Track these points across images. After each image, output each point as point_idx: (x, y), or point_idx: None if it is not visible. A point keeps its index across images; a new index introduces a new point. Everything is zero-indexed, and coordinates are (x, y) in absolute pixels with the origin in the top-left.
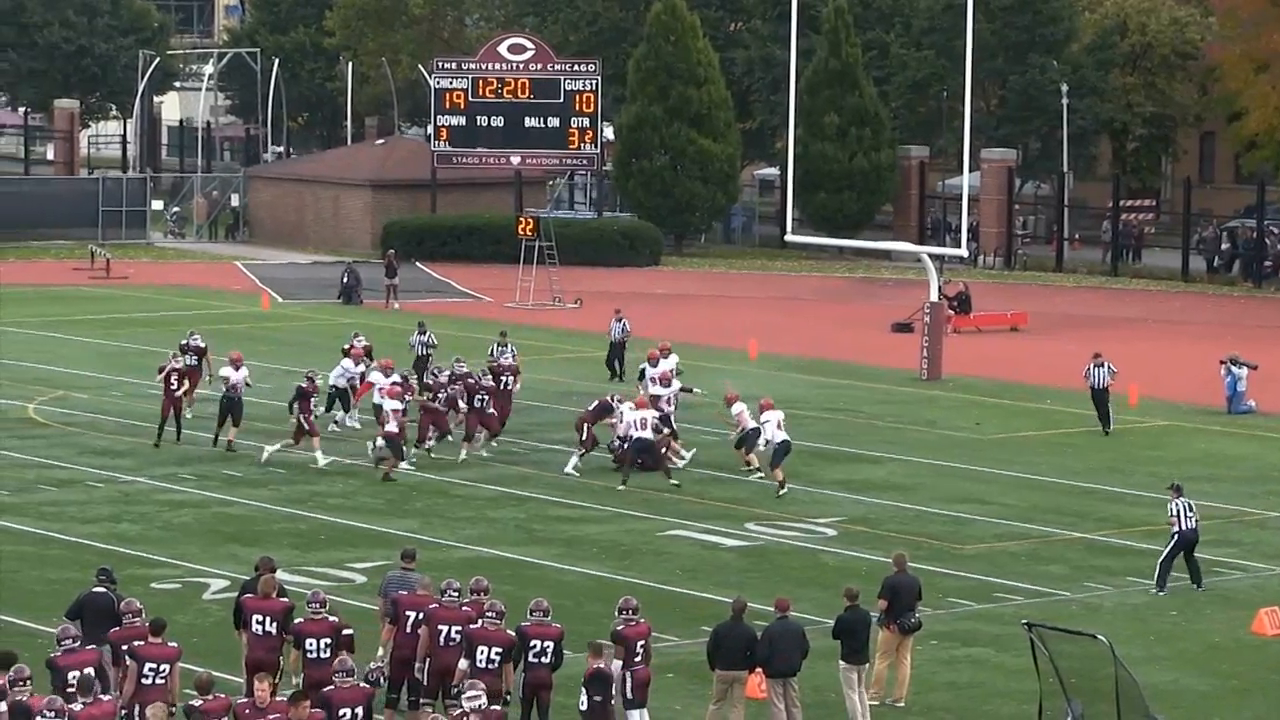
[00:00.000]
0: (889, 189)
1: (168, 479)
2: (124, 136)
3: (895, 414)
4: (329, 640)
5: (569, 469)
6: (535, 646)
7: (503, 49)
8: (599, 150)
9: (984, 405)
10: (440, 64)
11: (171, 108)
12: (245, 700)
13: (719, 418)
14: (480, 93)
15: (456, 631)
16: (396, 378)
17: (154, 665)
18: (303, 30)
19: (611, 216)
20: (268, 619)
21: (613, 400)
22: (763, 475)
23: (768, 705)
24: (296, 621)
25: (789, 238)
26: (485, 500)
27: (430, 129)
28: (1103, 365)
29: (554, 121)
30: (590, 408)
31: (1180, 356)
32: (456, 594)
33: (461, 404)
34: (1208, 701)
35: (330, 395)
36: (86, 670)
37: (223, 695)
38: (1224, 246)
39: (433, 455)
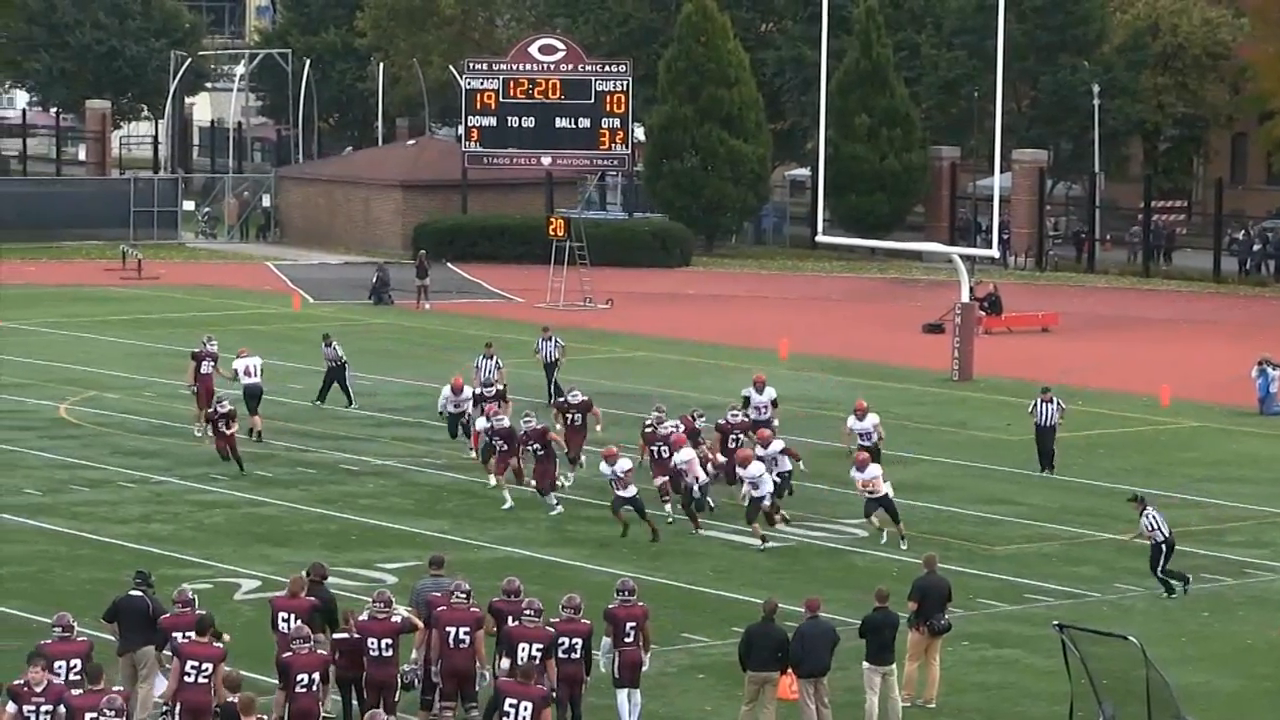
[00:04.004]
0: (920, 190)
1: (199, 479)
2: (155, 137)
3: (926, 415)
4: (391, 640)
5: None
6: (564, 644)
7: (534, 49)
8: (630, 151)
9: (1015, 406)
10: (471, 65)
11: (203, 109)
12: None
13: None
14: (511, 93)
15: (465, 633)
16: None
17: (195, 664)
18: (334, 31)
19: (642, 217)
20: (293, 616)
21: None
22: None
23: (798, 706)
24: (361, 620)
25: (820, 238)
26: (516, 500)
27: (461, 129)
28: (1051, 402)
29: (585, 122)
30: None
31: (1212, 358)
32: (465, 596)
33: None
34: (1239, 703)
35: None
36: (94, 662)
37: (246, 693)
38: (1255, 248)
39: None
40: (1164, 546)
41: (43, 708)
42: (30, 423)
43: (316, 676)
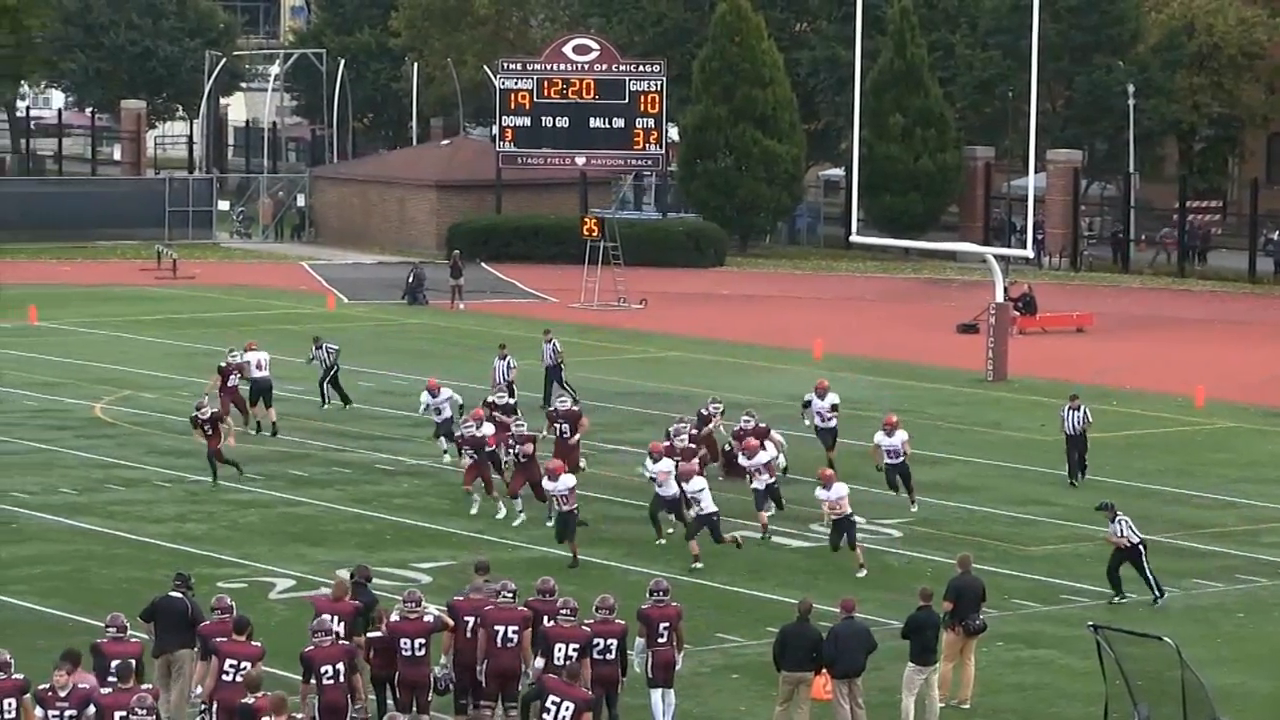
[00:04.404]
0: (954, 190)
1: (234, 479)
2: (190, 137)
3: (960, 415)
4: (423, 640)
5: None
6: (599, 645)
7: (568, 49)
8: (664, 151)
9: (1049, 407)
10: (505, 65)
11: (238, 109)
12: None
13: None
14: (545, 93)
15: (513, 632)
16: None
17: (234, 663)
18: (368, 31)
19: (676, 217)
20: (335, 619)
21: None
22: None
23: (832, 706)
24: (392, 620)
25: (854, 238)
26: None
27: (495, 129)
28: (1079, 409)
29: (619, 122)
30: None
31: (1247, 358)
32: (512, 595)
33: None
34: (1275, 704)
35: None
36: (129, 659)
37: (277, 692)
38: None
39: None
40: (1141, 548)
41: (67, 712)
42: (66, 422)
43: (341, 668)
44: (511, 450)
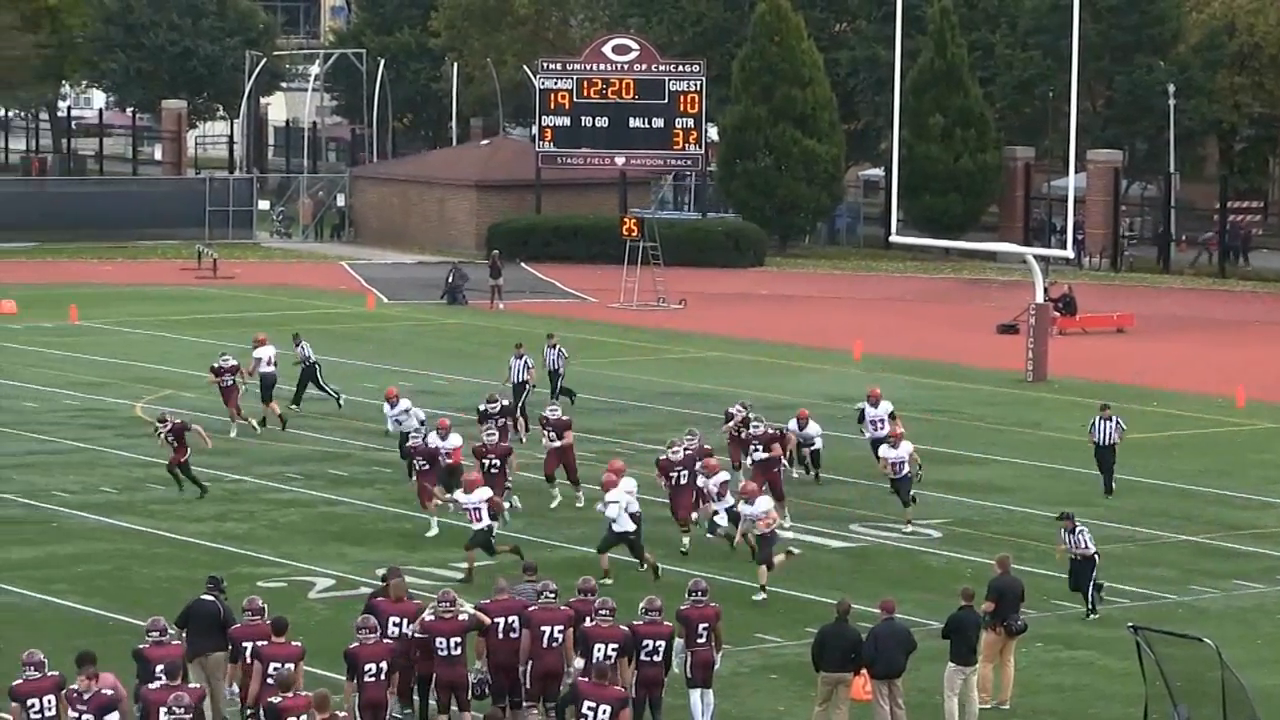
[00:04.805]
0: (994, 190)
1: (274, 478)
2: (231, 137)
3: (999, 415)
4: (459, 639)
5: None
6: (647, 645)
7: (607, 49)
8: (703, 151)
9: (1089, 407)
10: (545, 65)
11: (278, 108)
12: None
13: None
14: (585, 93)
15: (559, 632)
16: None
17: (278, 665)
18: (408, 31)
19: (716, 217)
20: (404, 621)
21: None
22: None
23: (872, 706)
24: (427, 620)
25: (894, 238)
26: (589, 500)
27: (535, 129)
28: (1110, 419)
29: (658, 122)
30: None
31: None
32: (554, 596)
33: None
34: None
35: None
36: (175, 661)
37: (305, 694)
38: None
39: None
40: (1095, 560)
41: (84, 716)
42: (107, 421)
43: (384, 666)
44: (485, 460)
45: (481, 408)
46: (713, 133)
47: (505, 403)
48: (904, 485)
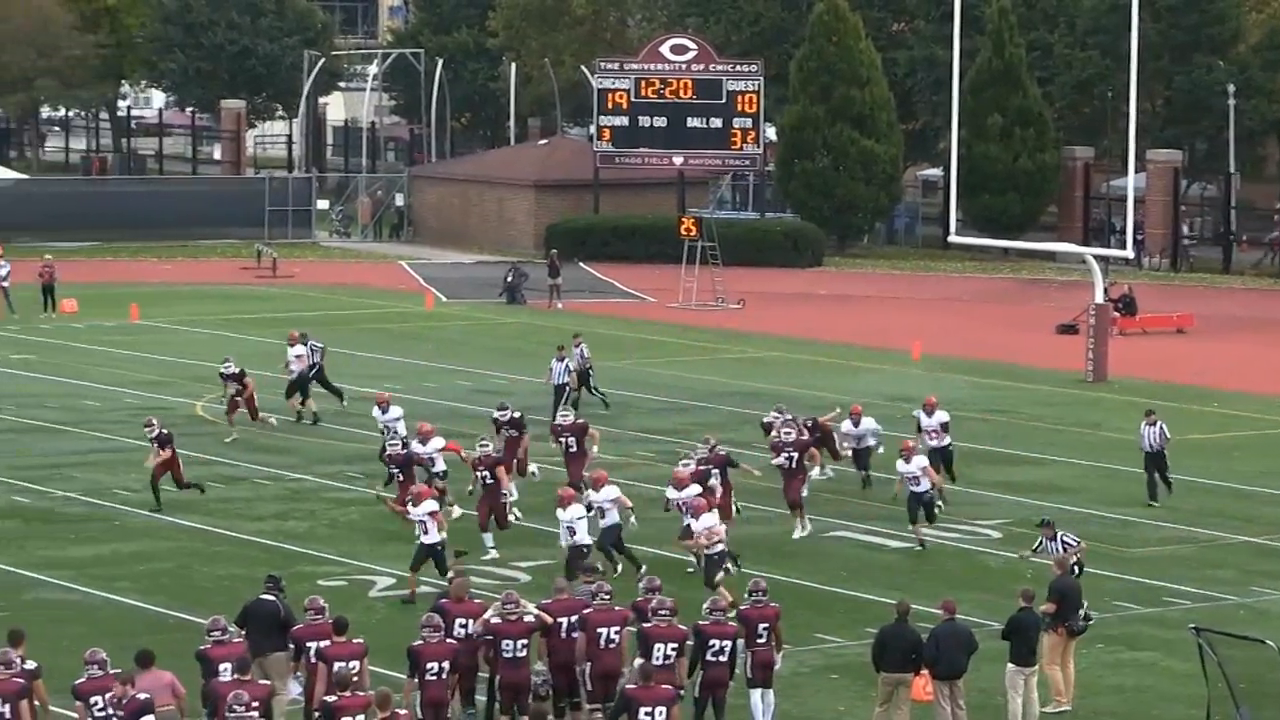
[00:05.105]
0: (1053, 190)
1: (335, 476)
2: (289, 136)
3: (1058, 416)
4: (525, 641)
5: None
6: (714, 646)
7: (665, 49)
8: (761, 151)
9: (1149, 408)
10: (603, 64)
11: (336, 108)
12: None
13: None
14: (643, 93)
15: (615, 633)
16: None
17: (343, 664)
18: (466, 31)
19: (774, 217)
20: (470, 621)
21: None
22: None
23: (933, 707)
24: (493, 621)
25: (952, 238)
26: (648, 500)
27: (593, 129)
28: (1156, 425)
29: (716, 122)
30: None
31: None
32: (609, 597)
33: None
34: None
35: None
36: (240, 656)
37: (362, 694)
38: None
39: None
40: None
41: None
42: (167, 420)
43: (446, 665)
44: (479, 473)
45: (495, 416)
46: (770, 132)
47: (517, 414)
48: (916, 501)
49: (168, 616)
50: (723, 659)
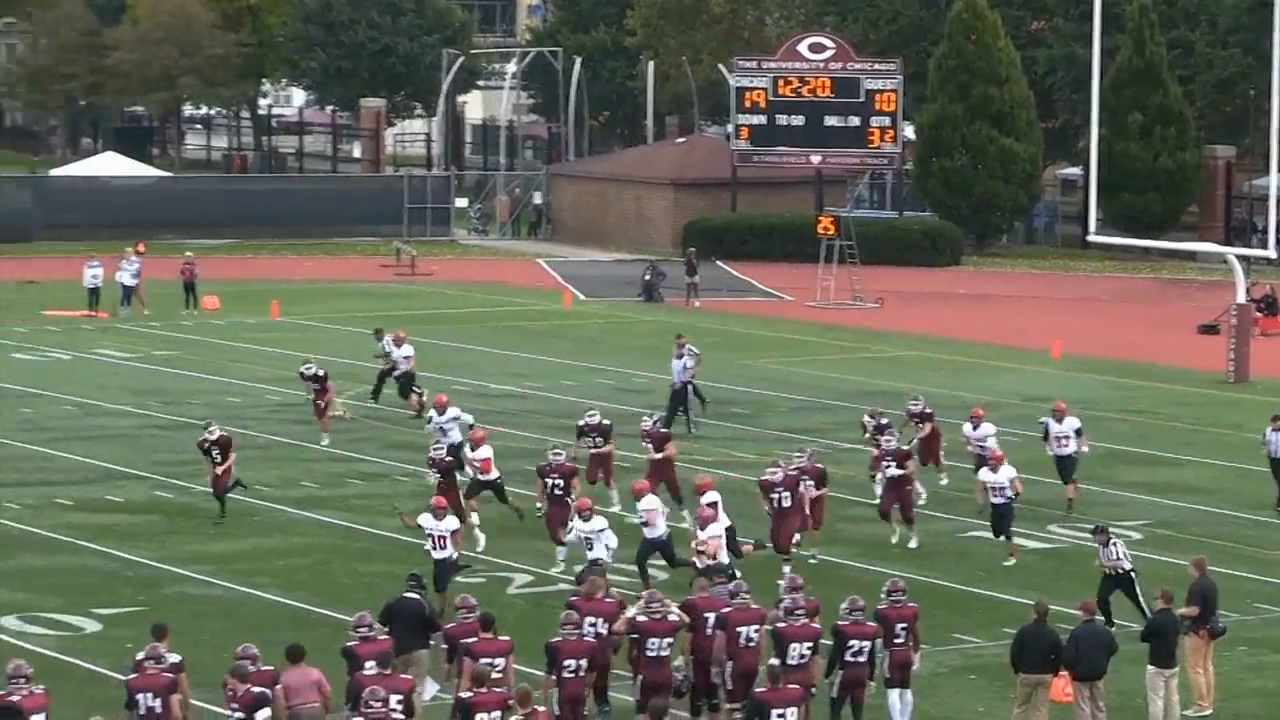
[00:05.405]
0: (1194, 189)
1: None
2: (428, 135)
3: (1198, 416)
4: (670, 640)
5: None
6: (853, 646)
7: (803, 48)
8: (899, 149)
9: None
10: (740, 63)
11: (474, 106)
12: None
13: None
14: (780, 91)
15: (754, 632)
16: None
17: (489, 660)
18: (604, 29)
19: (912, 216)
20: (599, 621)
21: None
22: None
23: (1072, 709)
24: (639, 620)
25: (1092, 238)
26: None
27: (730, 128)
28: None
29: (854, 120)
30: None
31: None
32: (749, 596)
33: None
34: None
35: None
36: (384, 652)
37: (500, 690)
38: None
39: None
40: (1133, 575)
41: (236, 713)
42: (306, 416)
43: (584, 663)
44: (549, 480)
45: (580, 423)
46: (909, 131)
47: (605, 421)
48: (1002, 514)
49: (309, 612)
50: (861, 659)
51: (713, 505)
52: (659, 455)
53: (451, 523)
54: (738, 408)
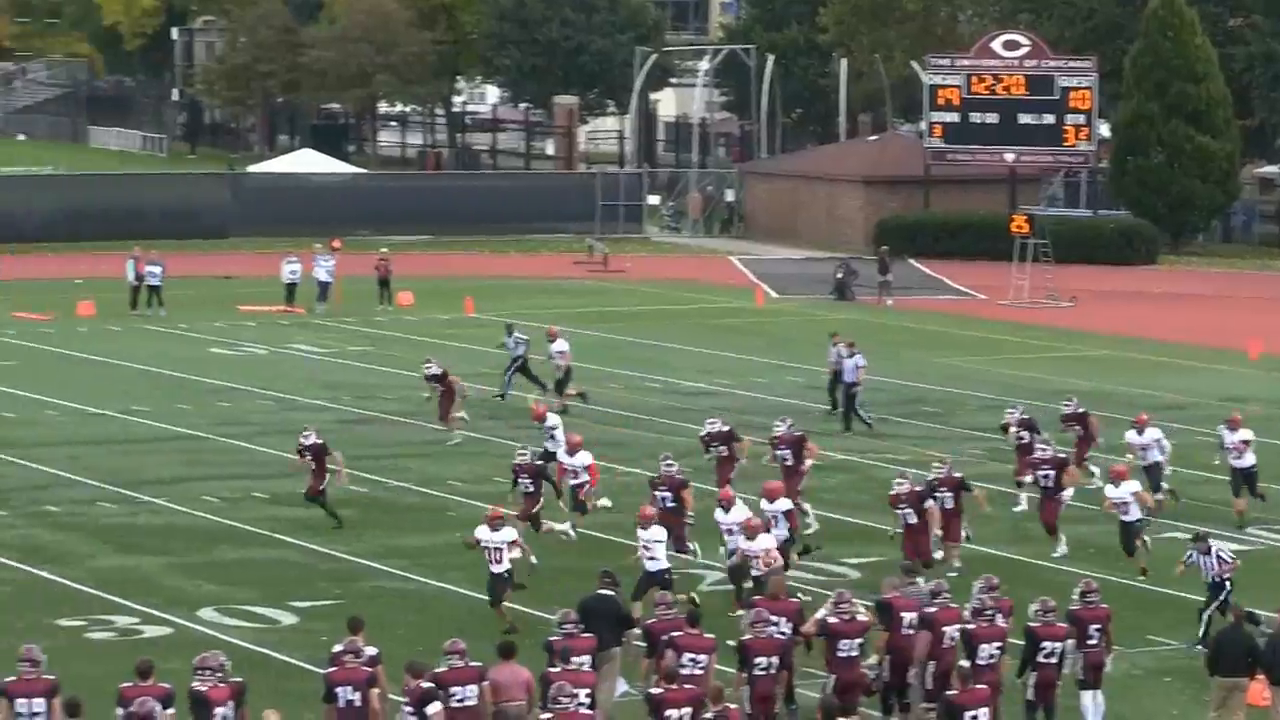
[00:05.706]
0: None
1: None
2: (621, 132)
3: None
4: (861, 641)
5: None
6: (1045, 648)
7: (996, 45)
8: (1094, 148)
9: None
10: (933, 60)
11: (667, 104)
12: None
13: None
14: (974, 89)
15: (956, 631)
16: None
17: (692, 656)
18: (797, 27)
19: (1107, 214)
20: (782, 620)
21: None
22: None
23: (1270, 713)
24: (830, 622)
25: None
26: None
27: (923, 125)
28: None
29: (1048, 118)
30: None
31: None
32: (949, 595)
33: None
34: None
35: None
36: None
37: (690, 687)
38: None
39: None
40: (1227, 585)
41: (407, 708)
42: (497, 412)
43: (775, 661)
44: (659, 492)
45: (704, 432)
46: (1104, 129)
47: (727, 428)
48: (1129, 530)
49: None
50: (1054, 660)
51: (786, 514)
52: (803, 465)
53: (508, 533)
54: (929, 406)
